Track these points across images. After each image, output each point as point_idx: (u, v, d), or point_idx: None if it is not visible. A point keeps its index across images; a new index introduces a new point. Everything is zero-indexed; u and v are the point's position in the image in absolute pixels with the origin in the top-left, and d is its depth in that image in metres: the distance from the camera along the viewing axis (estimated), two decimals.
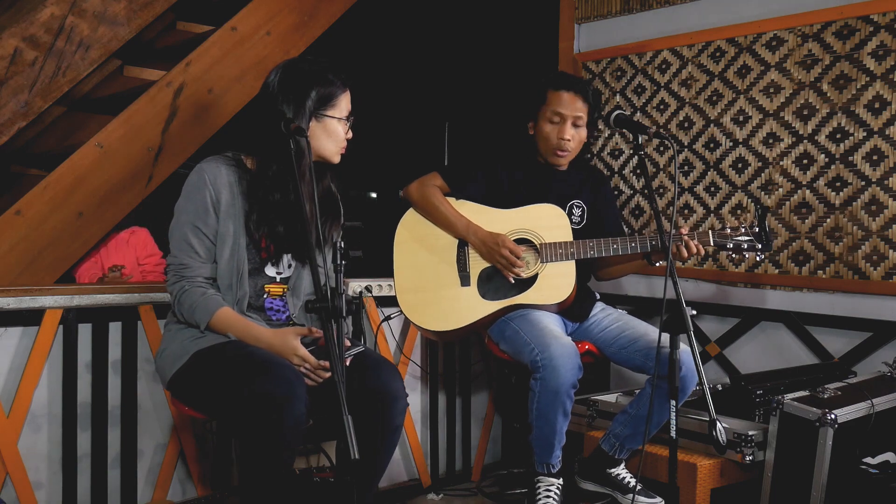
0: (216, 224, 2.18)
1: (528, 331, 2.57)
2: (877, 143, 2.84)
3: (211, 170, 2.18)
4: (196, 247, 2.17)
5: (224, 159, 2.23)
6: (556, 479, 2.61)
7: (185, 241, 2.17)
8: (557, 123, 2.72)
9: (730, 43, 3.21)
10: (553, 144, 2.74)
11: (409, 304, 2.76)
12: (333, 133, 2.27)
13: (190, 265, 2.17)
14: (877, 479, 2.38)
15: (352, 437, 1.71)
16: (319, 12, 3.50)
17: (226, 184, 2.18)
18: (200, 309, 2.14)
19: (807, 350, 3.02)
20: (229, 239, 2.19)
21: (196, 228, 2.17)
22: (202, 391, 2.14)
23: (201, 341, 2.15)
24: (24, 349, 2.54)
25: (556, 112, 2.72)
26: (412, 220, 2.82)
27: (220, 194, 2.17)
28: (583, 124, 2.74)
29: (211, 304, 2.14)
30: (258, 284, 2.27)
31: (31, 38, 2.78)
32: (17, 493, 2.47)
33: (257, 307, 2.27)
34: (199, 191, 2.17)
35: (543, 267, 2.69)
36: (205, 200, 2.16)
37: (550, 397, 2.47)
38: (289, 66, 2.26)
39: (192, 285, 2.16)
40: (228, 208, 2.18)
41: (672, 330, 2.13)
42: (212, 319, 2.14)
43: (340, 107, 2.28)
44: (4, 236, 2.74)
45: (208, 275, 2.20)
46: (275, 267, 2.29)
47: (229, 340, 2.14)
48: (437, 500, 3.21)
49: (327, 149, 2.27)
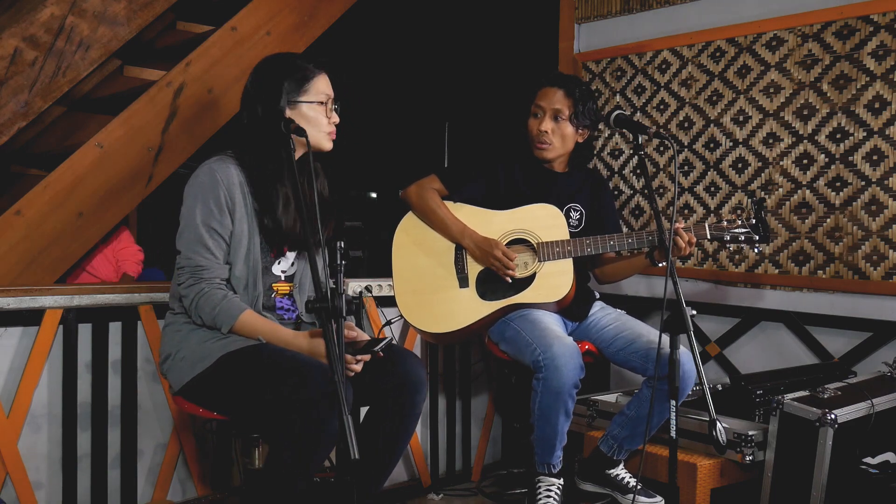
0: (231, 225, 2.16)
1: (530, 331, 2.57)
2: (877, 143, 2.84)
3: (222, 170, 2.16)
4: (212, 248, 2.14)
5: (231, 159, 2.21)
6: (556, 480, 2.61)
7: (199, 242, 2.13)
8: (538, 117, 2.76)
9: (730, 43, 3.21)
10: (533, 137, 2.78)
11: (408, 306, 2.77)
12: (312, 119, 2.23)
13: (207, 266, 2.14)
14: (877, 479, 2.38)
15: (352, 438, 1.71)
16: (319, 12, 3.50)
17: (237, 184, 2.17)
18: (224, 312, 2.11)
19: (807, 350, 3.02)
20: (244, 239, 2.18)
21: (212, 229, 2.14)
22: (235, 396, 2.10)
23: (227, 343, 2.11)
24: (24, 349, 2.54)
25: (537, 105, 2.77)
26: (410, 223, 2.82)
27: (234, 195, 2.16)
28: (565, 118, 2.74)
29: (234, 307, 2.12)
30: (267, 284, 2.28)
31: (31, 38, 2.78)
32: (17, 493, 2.47)
33: (269, 307, 2.27)
34: (212, 191, 2.14)
35: (541, 266, 2.69)
36: (219, 200, 2.14)
37: (552, 397, 2.47)
38: (259, 64, 2.28)
39: (212, 287, 2.13)
40: (241, 208, 2.18)
41: (672, 330, 2.13)
42: (236, 323, 2.11)
43: (314, 91, 2.23)
44: (4, 236, 2.73)
45: (225, 276, 2.18)
46: (280, 265, 2.30)
47: (260, 343, 2.11)
48: (437, 500, 3.21)
49: (311, 136, 2.22)
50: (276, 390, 1.96)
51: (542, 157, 2.79)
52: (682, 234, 2.55)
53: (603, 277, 2.92)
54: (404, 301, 2.77)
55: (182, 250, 2.16)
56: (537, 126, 2.76)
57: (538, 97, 2.78)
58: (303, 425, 1.92)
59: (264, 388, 1.99)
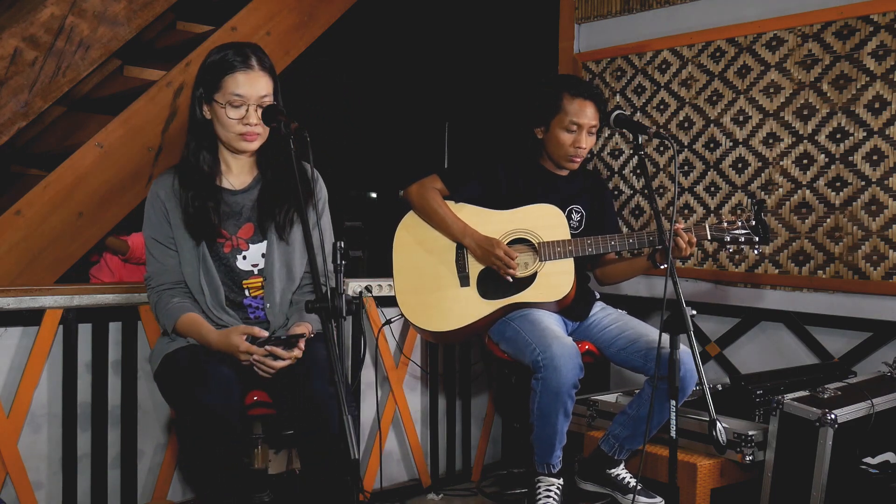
0: (171, 231, 2.25)
1: (530, 331, 2.57)
2: (877, 143, 2.84)
3: (160, 182, 2.28)
4: (158, 256, 2.26)
5: (173, 170, 2.29)
6: (556, 480, 2.61)
7: (149, 253, 2.28)
8: (574, 132, 2.71)
9: (730, 43, 3.21)
10: (568, 153, 2.73)
11: (408, 305, 2.77)
12: (220, 119, 2.20)
13: (154, 275, 2.28)
14: (877, 479, 2.38)
15: (352, 437, 1.72)
16: (319, 12, 3.50)
17: (171, 191, 2.25)
18: (164, 315, 2.24)
19: (807, 350, 3.02)
20: (184, 242, 2.24)
21: (154, 240, 2.27)
22: (167, 395, 2.24)
23: (171, 345, 2.24)
24: (24, 349, 2.54)
25: (573, 121, 2.69)
26: (411, 222, 2.82)
27: (168, 203, 2.24)
28: (595, 132, 2.75)
29: (174, 310, 2.22)
30: (235, 281, 2.28)
31: (31, 38, 2.78)
32: (17, 493, 2.47)
33: (237, 304, 2.29)
34: (152, 206, 2.26)
35: (542, 265, 2.69)
36: (158, 212, 2.25)
37: (552, 397, 2.47)
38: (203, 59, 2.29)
39: (161, 293, 2.26)
40: (177, 215, 2.24)
41: (672, 330, 2.13)
42: (175, 326, 2.23)
43: (226, 89, 2.16)
44: (4, 236, 2.74)
45: (175, 279, 2.26)
46: (246, 260, 2.29)
47: (188, 344, 2.21)
48: (437, 500, 3.21)
49: (221, 136, 2.24)
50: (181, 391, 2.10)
51: (572, 168, 2.79)
52: (683, 234, 2.55)
53: (604, 279, 2.91)
54: (405, 300, 2.77)
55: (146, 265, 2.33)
56: (573, 142, 2.71)
57: (573, 112, 2.69)
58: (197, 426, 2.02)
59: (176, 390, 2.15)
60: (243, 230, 2.28)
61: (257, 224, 2.29)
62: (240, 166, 2.32)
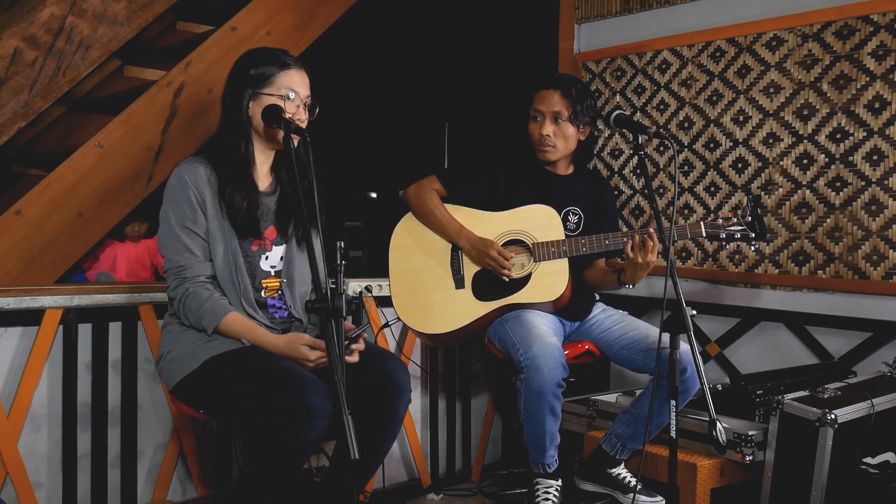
0: (206, 222, 2.19)
1: (517, 331, 2.58)
2: (877, 143, 2.84)
3: (189, 170, 2.20)
4: (191, 247, 2.18)
5: (200, 160, 2.25)
6: (554, 481, 2.61)
7: (179, 243, 2.18)
8: (538, 121, 2.76)
9: (730, 43, 3.21)
10: (535, 141, 2.78)
11: (404, 308, 2.77)
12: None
13: (188, 265, 2.18)
14: (877, 479, 2.38)
15: (352, 437, 1.71)
16: (319, 12, 3.50)
17: (206, 182, 2.20)
18: (208, 314, 2.14)
19: (807, 350, 3.02)
20: (220, 234, 2.20)
21: (187, 229, 2.18)
22: (218, 399, 2.12)
23: (213, 346, 2.14)
24: (24, 349, 2.54)
25: (535, 108, 2.77)
26: (408, 224, 2.83)
27: (203, 192, 2.19)
28: (565, 119, 2.74)
29: (218, 308, 2.14)
30: (256, 279, 2.27)
31: (31, 38, 2.78)
32: (17, 493, 2.47)
33: (260, 303, 2.28)
34: (182, 192, 2.18)
35: (537, 266, 2.69)
36: (190, 201, 2.18)
37: (535, 397, 2.47)
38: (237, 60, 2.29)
39: (197, 286, 2.16)
40: (213, 205, 2.20)
41: (672, 330, 2.13)
42: (220, 324, 2.14)
43: (280, 84, 2.22)
44: (4, 236, 2.73)
45: (209, 273, 2.20)
46: (268, 261, 2.29)
47: (244, 346, 2.14)
48: (437, 500, 3.21)
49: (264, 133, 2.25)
50: (256, 395, 1.99)
51: (546, 159, 2.79)
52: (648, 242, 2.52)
53: (586, 282, 2.89)
54: (400, 303, 2.78)
55: (165, 255, 2.21)
56: (538, 130, 2.76)
57: (535, 101, 2.78)
58: (285, 432, 1.93)
59: (246, 393, 2.02)
60: (268, 231, 2.30)
61: (278, 227, 2.31)
62: (266, 167, 2.33)
